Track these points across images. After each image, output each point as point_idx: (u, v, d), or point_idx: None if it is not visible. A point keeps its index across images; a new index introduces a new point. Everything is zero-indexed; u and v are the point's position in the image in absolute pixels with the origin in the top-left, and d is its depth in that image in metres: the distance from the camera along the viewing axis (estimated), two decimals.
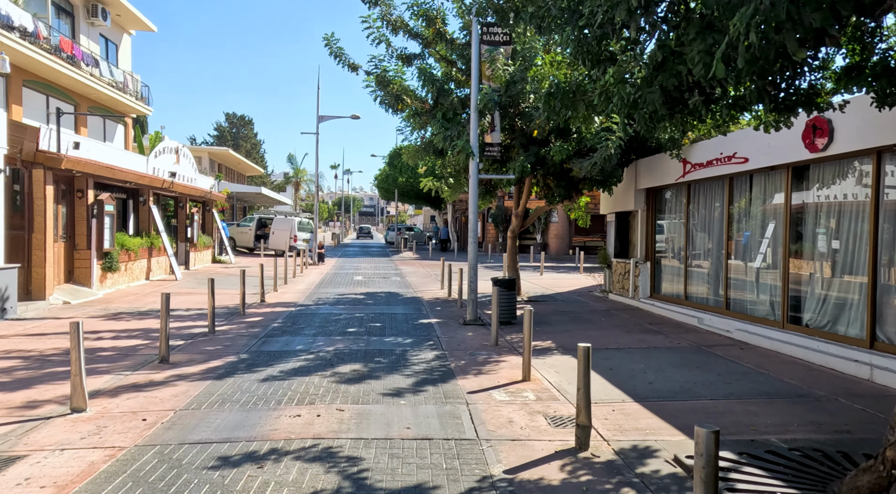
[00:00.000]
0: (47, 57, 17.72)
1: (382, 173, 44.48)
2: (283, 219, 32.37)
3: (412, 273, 23.27)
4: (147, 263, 18.11)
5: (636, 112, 4.52)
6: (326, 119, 27.75)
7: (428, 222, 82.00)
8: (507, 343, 9.69)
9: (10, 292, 10.92)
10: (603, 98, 4.74)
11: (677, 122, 4.82)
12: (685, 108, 4.40)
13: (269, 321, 11.47)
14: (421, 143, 15.10)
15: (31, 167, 12.34)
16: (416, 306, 14.15)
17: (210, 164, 41.13)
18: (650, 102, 4.04)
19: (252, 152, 73.97)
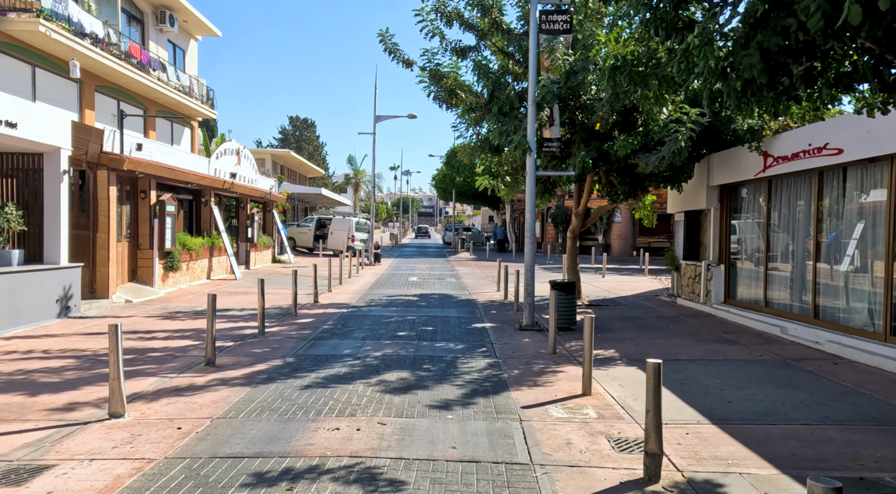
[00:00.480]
0: (117, 62, 18.35)
1: (440, 173, 44.25)
2: (340, 219, 32.63)
3: (468, 274, 22.78)
4: (208, 262, 18.44)
5: (726, 83, 3.80)
6: (383, 119, 27.68)
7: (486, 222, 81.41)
8: (566, 352, 9.03)
9: (74, 291, 11.18)
10: (683, 66, 4.01)
11: (769, 101, 4.05)
12: (787, 77, 3.64)
13: (319, 322, 11.25)
14: (476, 140, 14.60)
15: (95, 168, 12.66)
16: (470, 309, 13.64)
17: (273, 166, 42.09)
18: (746, 67, 3.34)
19: (314, 155, 75.61)
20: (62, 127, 10.86)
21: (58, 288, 10.73)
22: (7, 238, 10.36)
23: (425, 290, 17.37)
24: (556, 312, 9.13)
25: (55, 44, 15.81)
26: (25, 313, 9.91)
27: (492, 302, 14.87)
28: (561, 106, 12.00)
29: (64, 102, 17.65)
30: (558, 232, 37.47)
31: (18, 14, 14.70)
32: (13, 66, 15.57)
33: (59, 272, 10.77)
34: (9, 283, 9.54)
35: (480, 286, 18.54)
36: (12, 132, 9.49)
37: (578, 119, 12.51)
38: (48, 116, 10.53)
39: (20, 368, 7.32)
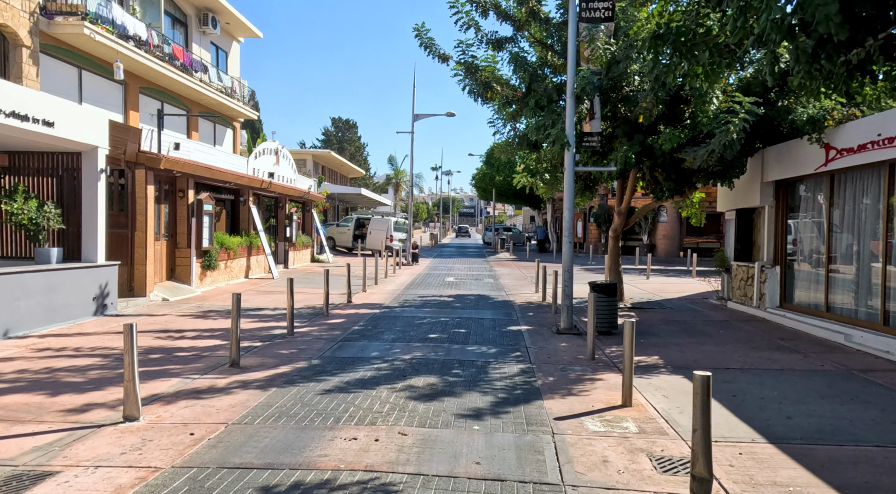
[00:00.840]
0: (159, 64, 18.66)
1: (479, 172, 43.79)
2: (379, 219, 32.59)
3: (506, 275, 22.28)
4: (246, 261, 18.55)
5: (794, 44, 3.23)
6: (422, 117, 27.45)
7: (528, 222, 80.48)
8: (606, 358, 8.48)
9: (111, 289, 11.27)
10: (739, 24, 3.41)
11: (839, 77, 3.45)
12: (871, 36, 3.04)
13: (350, 323, 11.01)
14: (513, 136, 14.16)
15: (133, 168, 12.78)
16: (506, 310, 13.17)
17: (314, 166, 42.51)
18: (821, 19, 2.77)
19: (356, 155, 76.25)
20: (99, 126, 10.96)
21: (94, 286, 10.83)
22: (46, 237, 10.50)
23: (461, 291, 16.98)
24: (595, 315, 8.60)
25: (99, 46, 16.15)
26: (62, 310, 10.00)
27: (529, 304, 14.36)
28: (602, 98, 11.42)
29: (109, 104, 18.05)
30: (601, 232, 36.47)
31: (65, 17, 15.05)
32: (61, 68, 15.97)
33: (95, 271, 10.87)
34: (46, 281, 9.64)
35: (518, 287, 18.03)
36: (49, 131, 9.59)
37: (621, 112, 11.89)
38: (85, 115, 10.63)
39: (48, 366, 7.29)
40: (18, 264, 10.14)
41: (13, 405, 5.77)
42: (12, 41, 13.95)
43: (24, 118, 9.05)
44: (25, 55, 14.15)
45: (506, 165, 37.08)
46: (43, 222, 10.31)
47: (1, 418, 5.43)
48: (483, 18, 12.07)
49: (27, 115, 9.09)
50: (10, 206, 9.93)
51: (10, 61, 14.02)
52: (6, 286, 8.86)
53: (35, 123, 9.28)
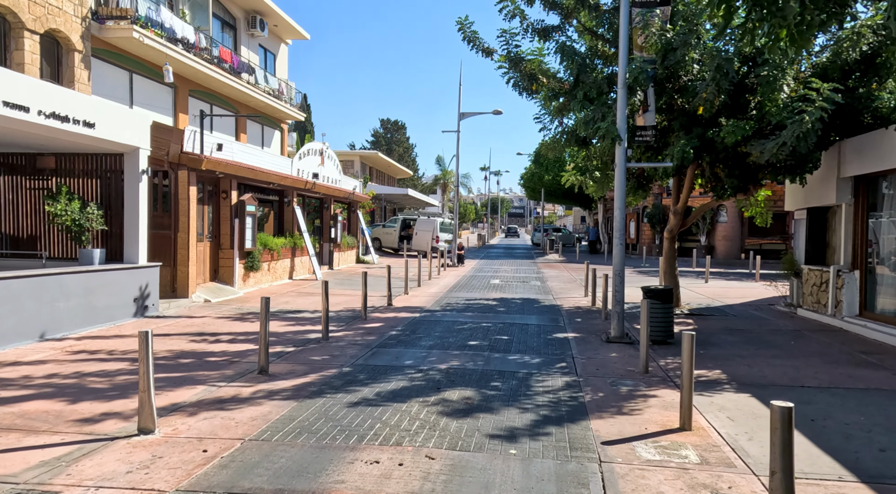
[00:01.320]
0: (207, 66, 18.86)
1: (528, 172, 42.94)
2: (425, 220, 32.28)
3: (554, 278, 21.48)
4: (290, 262, 18.50)
5: None
6: (468, 116, 26.95)
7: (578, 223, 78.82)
8: (661, 371, 7.73)
9: (152, 290, 11.25)
10: None
11: None
12: None
13: (388, 328, 10.60)
14: (561, 132, 13.48)
15: (176, 169, 12.80)
16: (552, 316, 12.49)
17: (361, 167, 42.68)
18: None
19: (404, 156, 76.50)
20: (141, 127, 10.95)
21: (134, 288, 10.81)
22: (89, 238, 10.54)
23: (506, 294, 16.36)
24: (648, 323, 7.86)
25: (149, 50, 16.39)
26: (102, 312, 10.00)
27: (578, 309, 13.62)
28: (656, 89, 10.60)
29: (159, 107, 18.35)
30: (655, 233, 35.01)
31: (116, 22, 15.31)
32: (112, 72, 16.29)
33: (136, 272, 10.86)
34: (85, 282, 9.64)
35: (566, 291, 17.25)
36: (90, 132, 9.58)
37: (677, 103, 11.03)
38: (126, 116, 10.63)
39: (77, 370, 7.16)
40: (63, 265, 10.21)
41: (32, 413, 5.59)
42: (65, 46, 14.25)
43: (65, 119, 9.05)
44: (77, 59, 14.44)
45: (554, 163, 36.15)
46: (86, 224, 10.35)
47: (17, 427, 5.23)
48: (528, 6, 11.46)
49: (67, 116, 9.09)
50: (54, 207, 10.00)
51: (64, 65, 14.34)
52: (45, 288, 8.87)
53: (76, 124, 9.28)
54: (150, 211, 12.95)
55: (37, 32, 13.22)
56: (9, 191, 11.30)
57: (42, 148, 10.95)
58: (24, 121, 8.42)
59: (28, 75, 12.77)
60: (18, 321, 8.41)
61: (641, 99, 10.37)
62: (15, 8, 12.61)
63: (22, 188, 11.31)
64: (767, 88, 9.27)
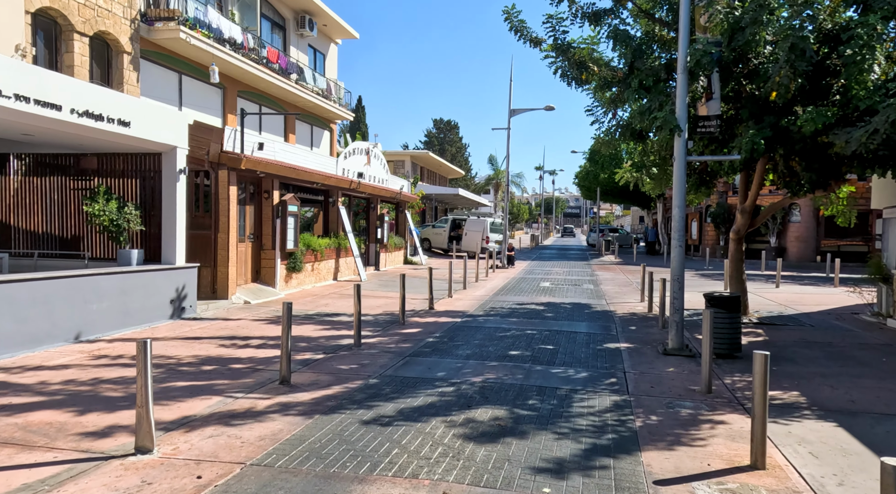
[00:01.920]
0: (254, 67, 18.86)
1: (583, 170, 41.57)
2: (475, 220, 31.61)
3: (609, 281, 20.38)
4: (335, 263, 18.24)
5: None
6: (518, 113, 26.10)
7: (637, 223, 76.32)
8: (727, 391, 6.79)
9: (189, 291, 11.10)
10: None
11: None
12: None
13: (425, 334, 10.01)
14: (614, 125, 12.57)
15: (217, 168, 12.66)
16: (604, 323, 11.58)
17: (412, 167, 42.45)
18: None
19: (457, 156, 76.07)
20: (178, 126, 10.81)
21: (171, 289, 10.67)
22: (127, 238, 10.47)
23: (556, 298, 15.49)
24: (712, 334, 6.93)
25: (196, 50, 16.47)
26: (137, 314, 9.87)
27: (632, 315, 12.64)
28: (722, 74, 9.56)
29: (208, 107, 18.49)
30: (719, 233, 33.08)
31: (164, 23, 15.42)
32: (161, 73, 16.46)
33: (172, 273, 10.71)
34: (120, 283, 9.52)
35: (621, 295, 16.21)
36: (125, 131, 9.45)
37: (746, 90, 9.94)
38: (163, 114, 10.50)
39: (96, 377, 6.91)
40: (103, 266, 10.17)
41: (35, 425, 5.30)
42: (114, 48, 14.43)
43: (98, 118, 8.92)
44: (126, 61, 14.60)
45: (610, 161, 34.75)
46: (124, 224, 10.27)
47: (15, 441, 4.93)
48: None
49: (101, 114, 8.96)
50: (92, 207, 9.95)
51: (113, 67, 14.53)
52: (78, 289, 8.77)
53: (110, 122, 9.15)
54: (191, 211, 12.90)
55: (86, 35, 13.39)
56: (54, 191, 11.41)
57: (80, 148, 10.98)
58: (57, 119, 8.31)
59: (78, 78, 12.97)
60: (50, 323, 8.31)
61: (704, 85, 9.37)
62: (65, 11, 12.80)
63: (67, 189, 11.39)
64: (854, 68, 8.11)
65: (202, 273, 12.78)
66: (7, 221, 11.56)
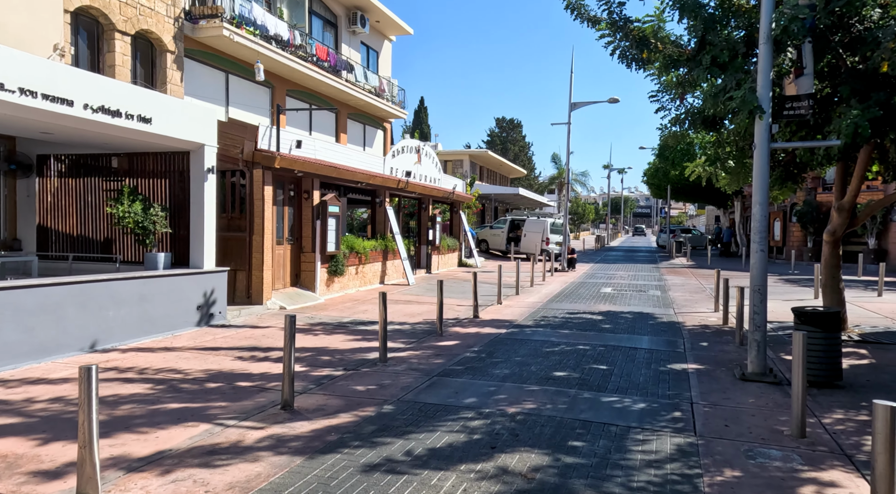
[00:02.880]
0: (301, 64, 18.43)
1: (652, 167, 39.19)
2: (534, 220, 30.21)
3: (679, 286, 18.59)
4: (381, 266, 17.51)
5: None
6: (580, 106, 24.58)
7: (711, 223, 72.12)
8: (826, 433, 5.37)
9: (218, 296, 10.56)
10: None
11: None
12: None
13: (462, 347, 8.98)
14: (683, 112, 11.10)
15: (251, 167, 12.13)
16: (670, 337, 10.14)
17: (471, 166, 41.46)
18: None
19: (520, 155, 74.47)
20: (205, 123, 10.28)
21: (198, 294, 10.15)
22: (153, 241, 10.03)
23: (617, 306, 14.05)
24: (803, 359, 5.51)
25: (241, 48, 16.15)
26: (160, 321, 9.37)
27: (704, 328, 11.10)
28: (816, 44, 7.97)
29: (256, 107, 18.21)
30: (807, 234, 30.15)
31: (209, 21, 15.16)
32: (207, 73, 16.25)
33: (200, 277, 10.19)
34: (140, 289, 9.03)
35: (692, 304, 14.55)
36: (146, 128, 8.97)
37: (847, 62, 8.31)
38: (189, 111, 9.99)
39: None
40: (132, 270, 9.77)
41: None
42: (158, 47, 14.25)
43: (116, 114, 8.45)
44: (170, 60, 14.39)
45: (681, 156, 32.43)
46: (150, 226, 9.83)
47: None
48: None
49: (119, 110, 8.49)
50: (116, 209, 9.55)
51: (157, 67, 14.36)
52: (92, 296, 8.31)
53: (129, 119, 8.68)
54: (227, 212, 12.43)
55: (128, 34, 13.22)
56: (89, 193, 11.18)
57: (106, 147, 10.65)
58: (69, 115, 7.87)
59: (119, 78, 12.80)
60: (60, 331, 7.86)
61: (793, 58, 7.83)
62: (106, 10, 12.64)
63: (100, 190, 11.14)
64: None
65: (237, 277, 12.29)
66: (45, 223, 11.45)
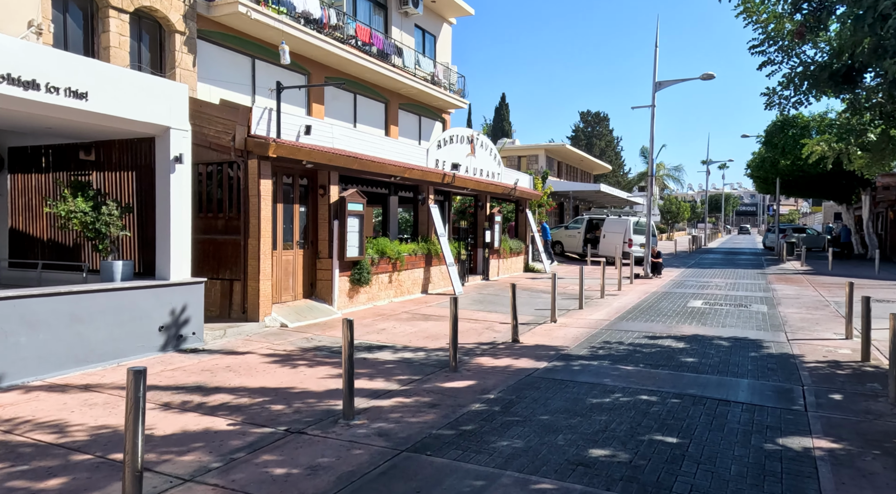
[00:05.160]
0: (337, 46, 16.53)
1: (756, 157, 34.21)
2: (615, 220, 26.76)
3: (792, 300, 14.85)
4: (423, 273, 15.20)
5: None
6: (666, 85, 21.04)
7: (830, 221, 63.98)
8: None
9: (192, 314, 8.66)
10: None
11: None
12: None
13: (472, 394, 6.43)
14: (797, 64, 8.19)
15: (246, 157, 10.21)
16: (783, 382, 7.02)
17: (547, 161, 38.33)
18: None
19: (606, 151, 69.82)
20: (172, 101, 8.40)
21: (162, 312, 8.28)
22: (108, 246, 8.28)
23: (707, 327, 10.86)
24: None
25: (265, 28, 14.45)
26: (102, 347, 7.53)
27: (834, 366, 7.82)
28: None
29: (290, 97, 16.51)
30: None
31: None
32: (229, 57, 14.66)
33: (164, 291, 8.32)
34: (69, 308, 7.23)
35: (812, 325, 11.05)
36: (79, 105, 7.17)
37: None
38: (143, 84, 8.08)
39: None
40: (70, 282, 8.08)
41: None
42: (165, 27, 12.77)
43: (30, 85, 6.69)
44: (179, 42, 12.87)
45: (793, 142, 27.66)
46: (102, 228, 8.08)
47: None
48: None
49: (34, 81, 6.73)
50: (56, 207, 7.86)
51: (165, 50, 12.89)
52: None
53: (52, 92, 6.90)
54: (224, 212, 10.61)
55: (125, 11, 11.77)
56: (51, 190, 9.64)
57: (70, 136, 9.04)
58: None
59: (115, 62, 11.35)
60: None
61: None
62: None
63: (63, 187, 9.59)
64: None
65: (234, 289, 10.43)
66: (18, 226, 10.11)
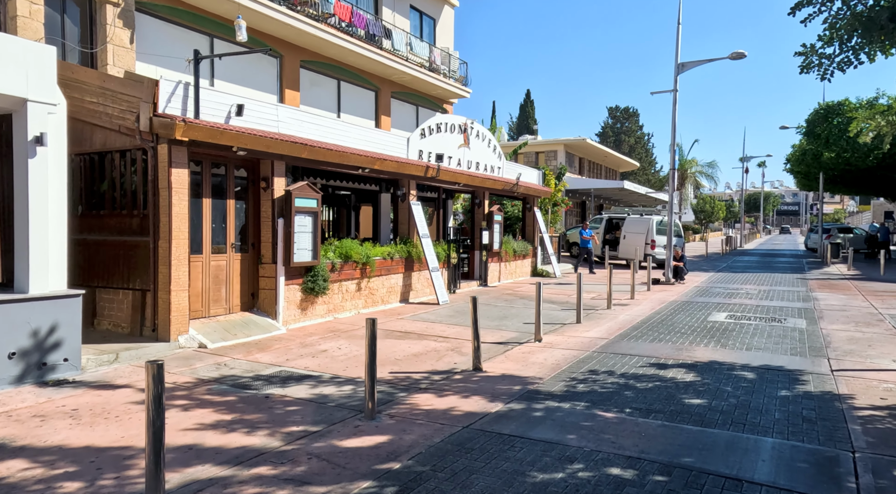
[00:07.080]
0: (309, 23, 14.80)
1: (797, 150, 31.25)
2: (636, 219, 24.38)
3: (837, 312, 12.42)
4: (403, 280, 13.29)
5: None
6: (690, 66, 18.67)
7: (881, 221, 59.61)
8: None
9: (64, 337, 6.96)
10: None
11: None
12: None
13: (377, 459, 4.48)
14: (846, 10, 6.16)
15: (155, 142, 8.47)
16: (823, 443, 4.85)
17: (567, 157, 36.00)
18: None
19: (636, 147, 66.82)
20: (27, 66, 6.70)
21: (18, 335, 6.58)
22: None
23: (728, 350, 8.64)
24: None
25: (217, 2, 12.82)
26: None
27: (893, 410, 5.60)
28: None
29: (260, 83, 14.86)
30: None
31: None
32: (182, 36, 13.05)
33: (19, 308, 6.63)
34: None
35: (864, 348, 8.73)
36: None
37: None
38: None
39: None
40: None
41: None
42: None
43: None
44: (112, 14, 11.29)
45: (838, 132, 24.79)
46: None
47: None
48: None
49: None
50: None
51: (97, 23, 11.31)
52: None
53: None
54: (138, 209, 8.92)
55: None
56: None
57: None
58: None
59: (25, 35, 9.80)
60: None
61: None
62: None
63: None
64: None
65: (146, 301, 8.72)
66: None
